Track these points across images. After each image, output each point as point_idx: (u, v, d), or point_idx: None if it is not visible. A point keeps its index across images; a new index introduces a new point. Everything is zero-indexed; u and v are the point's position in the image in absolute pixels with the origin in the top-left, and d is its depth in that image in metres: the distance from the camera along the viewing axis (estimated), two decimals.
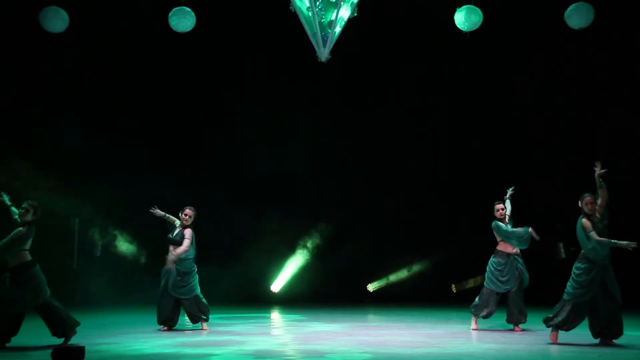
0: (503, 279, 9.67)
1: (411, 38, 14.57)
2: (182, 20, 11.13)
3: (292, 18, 11.27)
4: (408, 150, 15.61)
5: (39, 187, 13.17)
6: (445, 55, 14.53)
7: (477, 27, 11.10)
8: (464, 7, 11.03)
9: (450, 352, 7.59)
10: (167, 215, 9.91)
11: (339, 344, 8.28)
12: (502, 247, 9.81)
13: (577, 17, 10.92)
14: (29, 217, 8.01)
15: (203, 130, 15.44)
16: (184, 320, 10.06)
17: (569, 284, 8.16)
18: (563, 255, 14.49)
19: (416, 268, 15.55)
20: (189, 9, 11.11)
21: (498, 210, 9.83)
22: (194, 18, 11.14)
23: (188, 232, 9.75)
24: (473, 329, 9.77)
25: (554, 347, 7.97)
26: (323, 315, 12.12)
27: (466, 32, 11.18)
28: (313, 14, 11.16)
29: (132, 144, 14.32)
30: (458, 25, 11.12)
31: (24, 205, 8.05)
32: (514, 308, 9.65)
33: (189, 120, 15.33)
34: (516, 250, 9.80)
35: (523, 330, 9.67)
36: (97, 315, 12.04)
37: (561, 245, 14.54)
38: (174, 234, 9.80)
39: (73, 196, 13.65)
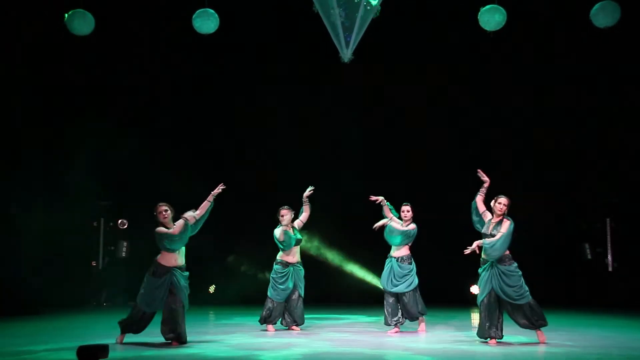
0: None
1: (434, 37, 14.46)
2: (206, 22, 11.18)
3: (316, 19, 11.23)
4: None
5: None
6: (469, 54, 14.35)
7: (500, 26, 10.99)
8: (488, 6, 10.94)
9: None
10: None
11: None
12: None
13: (603, 16, 10.79)
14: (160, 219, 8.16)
15: (233, 131, 15.52)
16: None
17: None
18: (589, 256, 14.42)
19: None
20: (212, 11, 11.16)
21: (403, 212, 9.66)
22: (218, 20, 11.17)
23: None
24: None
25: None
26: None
27: (490, 32, 11.08)
28: (336, 15, 11.21)
29: (157, 145, 14.42)
30: (482, 25, 11.02)
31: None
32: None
33: (216, 121, 15.37)
34: None
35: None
36: (121, 315, 12.07)
37: (587, 245, 14.46)
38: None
39: (98, 197, 13.83)
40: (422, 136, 15.38)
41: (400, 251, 9.61)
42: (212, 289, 15.57)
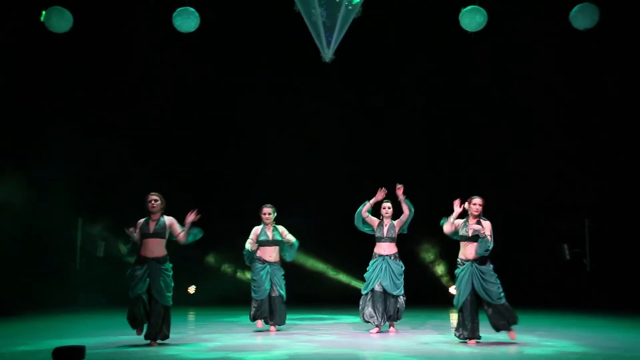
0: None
1: (415, 38, 14.46)
2: (186, 21, 11.20)
3: (297, 18, 11.23)
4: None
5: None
6: (449, 56, 14.42)
7: (481, 27, 11.13)
8: (469, 7, 11.05)
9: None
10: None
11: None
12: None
13: (582, 18, 10.97)
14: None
15: (210, 132, 15.43)
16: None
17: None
18: (567, 257, 14.48)
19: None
20: (192, 9, 11.14)
21: (384, 209, 9.61)
22: (198, 18, 11.19)
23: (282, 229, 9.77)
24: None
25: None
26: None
27: (471, 33, 11.22)
28: (317, 15, 11.19)
29: (136, 146, 14.34)
30: (463, 26, 11.15)
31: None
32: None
33: (195, 121, 15.36)
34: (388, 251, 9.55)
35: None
36: (99, 315, 12.04)
37: (565, 246, 14.51)
38: (267, 237, 9.65)
39: (75, 197, 13.68)
40: (404, 138, 15.44)
41: (391, 248, 9.56)
42: (192, 289, 15.44)
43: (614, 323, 11.23)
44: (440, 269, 15.73)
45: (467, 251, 8.24)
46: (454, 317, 12.18)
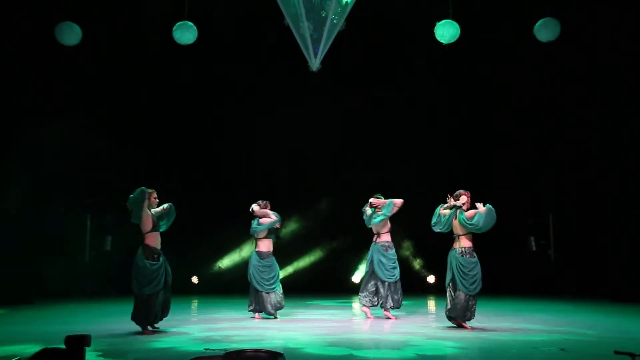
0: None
1: (392, 52, 14.99)
2: (185, 34, 11.89)
3: (286, 31, 11.88)
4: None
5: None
6: (424, 69, 14.84)
7: (455, 39, 11.70)
8: (443, 21, 11.64)
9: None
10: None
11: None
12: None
13: (545, 32, 11.70)
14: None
15: (211, 140, 15.80)
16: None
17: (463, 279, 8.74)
18: (534, 248, 14.85)
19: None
20: (191, 24, 11.86)
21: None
22: (196, 31, 11.91)
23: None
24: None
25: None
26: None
27: (445, 45, 11.76)
28: (305, 28, 11.80)
29: (139, 150, 14.88)
30: (438, 38, 11.71)
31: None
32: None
33: (194, 129, 15.73)
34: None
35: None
36: (106, 305, 12.43)
37: (532, 238, 14.88)
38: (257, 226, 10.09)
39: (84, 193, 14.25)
40: (385, 139, 15.94)
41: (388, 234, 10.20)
42: (195, 279, 15.67)
43: (576, 307, 11.82)
44: (417, 263, 15.98)
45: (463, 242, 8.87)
46: (432, 304, 12.71)
